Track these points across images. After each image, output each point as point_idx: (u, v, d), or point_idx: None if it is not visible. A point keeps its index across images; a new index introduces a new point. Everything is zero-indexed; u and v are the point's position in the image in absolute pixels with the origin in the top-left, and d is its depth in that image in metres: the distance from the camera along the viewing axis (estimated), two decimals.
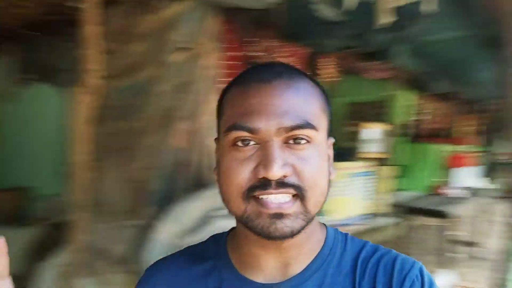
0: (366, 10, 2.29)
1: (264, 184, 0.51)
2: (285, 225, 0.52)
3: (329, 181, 0.58)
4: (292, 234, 0.53)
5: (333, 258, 0.59)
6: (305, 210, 0.54)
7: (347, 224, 4.27)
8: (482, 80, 4.77)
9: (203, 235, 2.43)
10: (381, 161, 5.43)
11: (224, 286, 0.59)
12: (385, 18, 1.68)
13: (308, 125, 0.53)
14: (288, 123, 0.52)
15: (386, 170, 5.42)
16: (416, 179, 6.22)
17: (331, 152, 0.61)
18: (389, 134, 5.53)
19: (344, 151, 5.06)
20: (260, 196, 0.52)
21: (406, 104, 6.88)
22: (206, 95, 2.56)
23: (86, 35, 2.35)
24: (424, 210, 3.58)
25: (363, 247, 0.61)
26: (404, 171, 6.04)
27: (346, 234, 0.64)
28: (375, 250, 0.60)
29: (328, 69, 4.53)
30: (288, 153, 0.53)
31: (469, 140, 8.99)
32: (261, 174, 0.51)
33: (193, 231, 2.30)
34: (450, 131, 7.50)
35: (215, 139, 0.62)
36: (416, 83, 6.18)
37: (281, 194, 0.51)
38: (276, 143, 0.52)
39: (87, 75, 2.39)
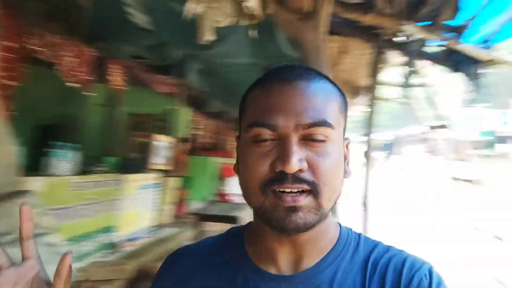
0: (175, 24, 2.33)
1: (281, 177, 0.53)
2: (298, 217, 0.53)
3: (343, 180, 0.59)
4: (305, 227, 0.54)
5: (345, 255, 0.60)
6: (318, 205, 0.54)
7: (136, 238, 4.13)
8: None
9: None
10: (167, 173, 5.55)
11: (240, 276, 0.61)
12: (205, 36, 1.77)
13: (325, 123, 0.54)
14: (306, 120, 0.54)
15: (171, 182, 5.58)
16: (199, 189, 6.63)
17: (347, 153, 0.63)
18: (173, 147, 5.72)
19: (132, 163, 4.87)
20: (277, 190, 0.53)
21: (186, 119, 7.28)
22: None
23: None
24: (216, 216, 3.88)
25: (375, 247, 0.62)
26: (189, 182, 6.36)
27: (359, 234, 0.65)
28: (386, 250, 0.62)
29: (115, 76, 4.31)
30: (305, 149, 0.54)
31: (229, 153, 10.32)
32: (279, 167, 0.53)
33: None
34: (222, 145, 8.38)
35: (236, 137, 0.63)
36: (194, 100, 6.68)
37: (296, 188, 0.53)
38: (293, 139, 0.54)
39: None
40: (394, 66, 3.26)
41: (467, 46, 2.04)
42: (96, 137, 5.89)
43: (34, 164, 3.26)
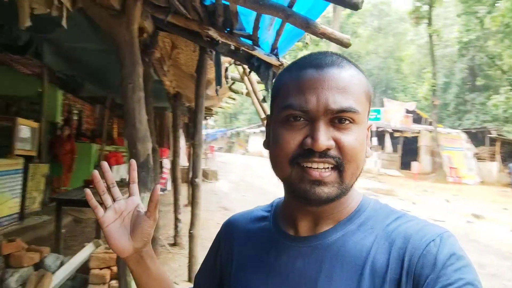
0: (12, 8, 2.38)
1: (309, 154, 0.58)
2: (322, 191, 0.59)
3: (365, 159, 0.64)
4: (328, 200, 0.60)
5: (359, 224, 0.64)
6: (341, 180, 0.59)
7: None
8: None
9: None
10: (32, 159, 5.32)
11: (268, 236, 0.71)
12: (23, 22, 1.91)
13: (351, 109, 0.59)
14: (335, 106, 0.58)
15: (38, 168, 5.36)
16: (78, 175, 6.44)
17: (369, 134, 0.67)
18: (40, 131, 5.48)
19: None
20: (304, 164, 0.59)
21: (56, 103, 6.97)
22: None
23: None
24: (78, 201, 3.91)
25: (393, 216, 0.64)
26: (58, 169, 6.15)
27: (382, 205, 0.69)
28: (404, 219, 0.63)
29: None
30: (332, 129, 0.59)
31: (116, 140, 10.08)
32: (308, 145, 0.58)
33: None
34: (101, 132, 8.16)
35: (266, 115, 0.78)
36: (64, 84, 6.41)
37: (322, 164, 0.58)
38: (323, 121, 0.59)
39: None
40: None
41: (261, 53, 2.49)
42: None
43: None
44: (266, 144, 0.70)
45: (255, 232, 0.74)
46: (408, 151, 20.35)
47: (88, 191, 0.70)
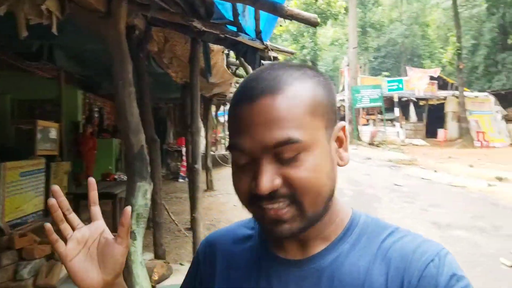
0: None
1: (258, 197, 0.54)
2: (284, 229, 0.55)
3: (334, 173, 0.58)
4: (293, 236, 0.56)
5: (352, 241, 0.61)
6: (302, 213, 0.55)
7: (21, 224, 4.31)
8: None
9: None
10: (54, 158, 5.63)
11: (256, 258, 0.66)
12: (21, 32, 2.07)
13: (289, 141, 0.52)
14: (271, 142, 0.52)
15: (61, 166, 5.67)
16: (98, 169, 6.74)
17: (342, 137, 0.61)
18: (61, 131, 5.78)
19: (15, 150, 4.92)
20: (260, 204, 0.55)
21: (77, 102, 7.28)
22: None
23: None
24: (99, 194, 4.15)
25: (386, 232, 0.61)
26: (80, 166, 6.55)
27: (373, 219, 0.64)
28: (398, 234, 0.60)
29: None
30: (278, 165, 0.54)
31: None
32: (253, 190, 0.54)
33: None
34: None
35: None
36: (83, 84, 6.72)
37: (276, 204, 0.54)
38: (264, 160, 0.53)
39: None
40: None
41: (245, 38, 2.58)
42: None
43: None
44: None
45: (240, 254, 0.68)
46: (434, 119, 19.82)
47: (48, 225, 0.62)
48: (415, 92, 20.08)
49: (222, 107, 12.33)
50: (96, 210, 0.65)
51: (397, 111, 19.36)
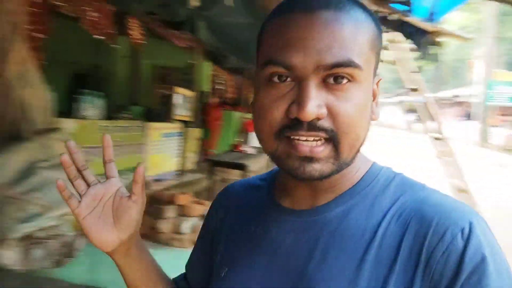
0: None
1: (295, 124, 0.48)
2: (313, 169, 0.49)
3: (369, 124, 0.53)
4: (321, 177, 0.50)
5: (366, 196, 0.55)
6: (337, 155, 0.50)
7: (162, 180, 4.58)
8: None
9: (29, 187, 2.29)
10: (188, 124, 5.93)
11: (259, 206, 0.64)
12: (193, 2, 2.03)
13: (351, 64, 0.47)
14: (329, 60, 0.46)
15: (192, 132, 5.96)
16: (223, 140, 6.98)
17: (377, 92, 0.56)
18: (194, 99, 6.05)
19: (157, 112, 5.28)
20: (292, 137, 0.49)
21: (207, 73, 7.55)
22: (10, 43, 2.39)
23: None
24: (227, 163, 4.26)
25: (411, 188, 0.54)
26: (208, 133, 6.77)
27: (397, 174, 0.58)
28: (424, 193, 0.53)
29: (135, 31, 4.59)
30: (325, 92, 0.48)
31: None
32: (294, 114, 0.48)
33: (17, 183, 2.19)
34: (243, 100, 8.65)
35: (255, 71, 0.57)
36: (212, 56, 6.92)
37: (312, 137, 0.48)
38: (312, 81, 0.47)
39: None
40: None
41: (415, 19, 2.21)
42: (123, 87, 6.36)
43: (67, 108, 3.69)
44: (252, 108, 0.56)
45: (249, 201, 0.67)
46: None
47: (60, 182, 0.59)
48: None
49: None
50: (111, 166, 0.62)
51: None
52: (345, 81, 0.48)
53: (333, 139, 0.49)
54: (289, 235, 0.56)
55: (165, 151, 4.91)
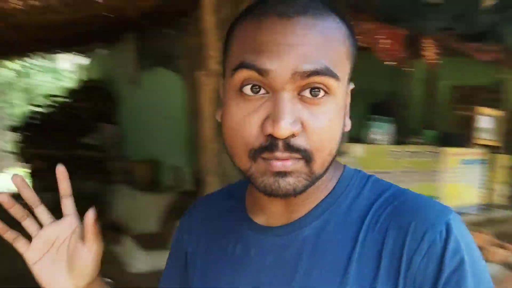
0: None
1: (271, 144, 0.46)
2: (287, 184, 0.48)
3: (341, 137, 0.51)
4: (295, 193, 0.49)
5: (341, 204, 0.53)
6: (310, 171, 0.49)
7: (462, 213, 4.03)
8: None
9: None
10: (494, 149, 5.01)
11: (234, 226, 0.60)
12: (487, 0, 1.64)
13: (328, 72, 0.45)
14: (306, 67, 0.44)
15: (500, 159, 4.99)
16: None
17: (348, 101, 0.55)
18: (503, 121, 5.10)
19: (456, 137, 4.78)
20: (266, 157, 0.48)
21: None
22: None
23: (205, 24, 2.59)
24: None
25: (384, 192, 0.53)
26: None
27: (369, 177, 0.57)
28: (398, 195, 0.52)
29: (429, 51, 4.37)
30: (301, 106, 0.46)
31: None
32: (268, 130, 0.45)
33: None
34: None
35: (223, 80, 0.54)
36: None
37: (287, 157, 0.47)
38: (288, 93, 0.45)
39: (208, 61, 2.62)
40: None
41: None
42: (416, 111, 6.21)
43: (356, 134, 3.89)
44: (220, 119, 0.52)
45: (222, 220, 0.63)
46: None
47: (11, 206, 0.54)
48: None
49: None
50: (68, 202, 0.58)
51: None
52: (321, 94, 0.47)
53: (306, 158, 0.48)
54: (269, 255, 0.55)
55: (464, 180, 4.34)
